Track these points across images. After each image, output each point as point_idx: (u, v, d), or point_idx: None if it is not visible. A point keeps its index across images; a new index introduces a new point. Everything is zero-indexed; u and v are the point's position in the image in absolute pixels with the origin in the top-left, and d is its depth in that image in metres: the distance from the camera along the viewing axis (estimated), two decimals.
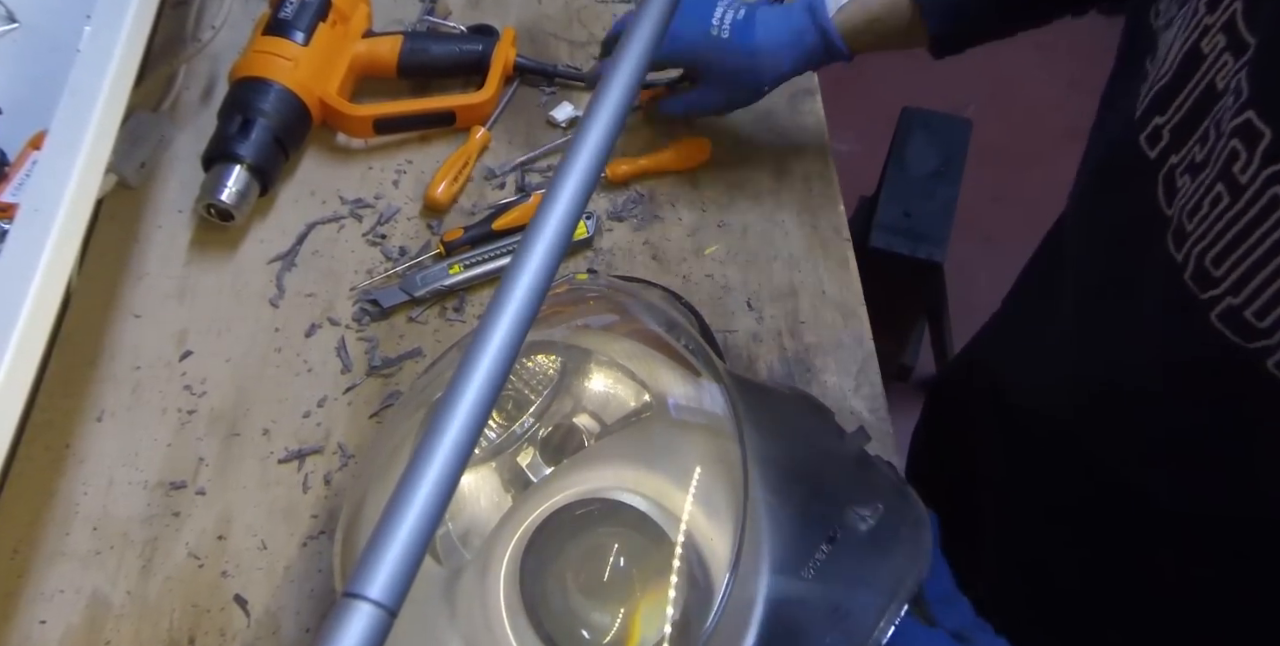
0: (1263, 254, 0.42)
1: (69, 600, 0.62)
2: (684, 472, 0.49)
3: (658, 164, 0.81)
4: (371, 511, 0.51)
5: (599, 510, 0.50)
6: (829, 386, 0.72)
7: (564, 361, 0.55)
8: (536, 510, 0.50)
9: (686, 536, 0.47)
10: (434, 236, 0.77)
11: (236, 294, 0.74)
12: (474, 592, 0.48)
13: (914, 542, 0.48)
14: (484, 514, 0.51)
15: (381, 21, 0.87)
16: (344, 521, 0.53)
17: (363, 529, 0.51)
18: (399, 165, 0.81)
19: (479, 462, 0.53)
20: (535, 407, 0.54)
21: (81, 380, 0.70)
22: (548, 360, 0.55)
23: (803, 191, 0.82)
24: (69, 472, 0.66)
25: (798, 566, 0.45)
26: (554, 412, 0.53)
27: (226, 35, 0.80)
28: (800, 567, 0.45)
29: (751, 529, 0.44)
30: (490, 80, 0.82)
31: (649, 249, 0.78)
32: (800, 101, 0.86)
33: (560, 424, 0.53)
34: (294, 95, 0.76)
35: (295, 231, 0.77)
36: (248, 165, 0.73)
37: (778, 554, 0.45)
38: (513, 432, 0.53)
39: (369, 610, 0.24)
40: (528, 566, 0.48)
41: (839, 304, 0.76)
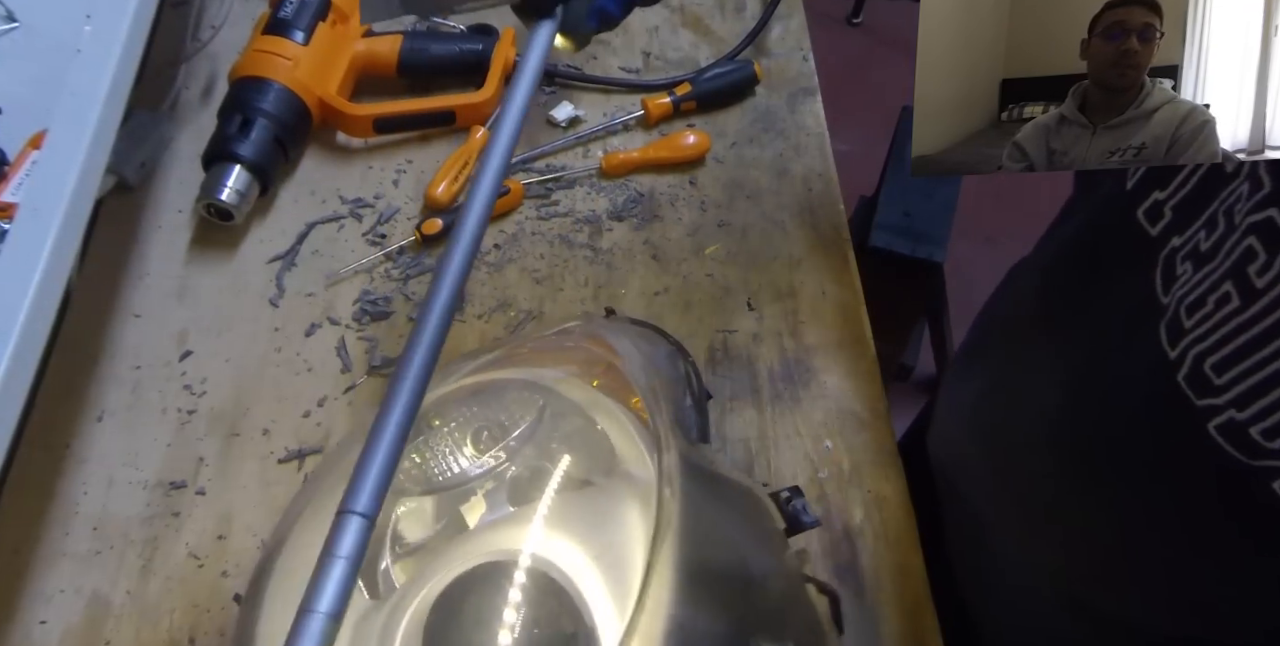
0: (1275, 371, 0.37)
1: (69, 600, 0.62)
2: (611, 552, 0.45)
3: (656, 158, 0.81)
4: (289, 560, 0.48)
5: (521, 571, 0.46)
6: (829, 386, 0.72)
7: (545, 405, 0.53)
8: (464, 560, 0.47)
9: (588, 619, 0.43)
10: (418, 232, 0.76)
11: (236, 294, 0.74)
12: (385, 629, 0.45)
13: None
14: (422, 549, 0.49)
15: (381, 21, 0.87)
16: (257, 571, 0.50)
17: (276, 578, 0.47)
18: (399, 165, 0.81)
19: (435, 490, 0.51)
20: (509, 443, 0.51)
21: (81, 380, 0.70)
22: (529, 400, 0.53)
23: (803, 191, 0.82)
24: (69, 472, 0.66)
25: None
26: (526, 455, 0.51)
27: (226, 35, 0.80)
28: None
29: (645, 633, 0.40)
30: (490, 80, 0.82)
31: (649, 248, 0.78)
32: (800, 101, 0.86)
33: (529, 467, 0.51)
34: (294, 95, 0.75)
35: (295, 231, 0.77)
36: (248, 165, 0.73)
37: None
38: (484, 464, 0.51)
39: (358, 521, 0.32)
40: (436, 617, 0.45)
41: (839, 304, 0.76)
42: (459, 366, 0.56)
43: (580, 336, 0.58)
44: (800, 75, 0.88)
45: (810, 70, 0.88)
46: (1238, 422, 0.39)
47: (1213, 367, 0.40)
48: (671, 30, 0.90)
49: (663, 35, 0.90)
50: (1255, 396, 0.38)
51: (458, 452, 0.51)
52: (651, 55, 0.88)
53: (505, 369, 0.56)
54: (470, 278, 0.75)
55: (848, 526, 0.66)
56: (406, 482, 0.51)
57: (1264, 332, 0.38)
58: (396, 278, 0.75)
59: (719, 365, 0.72)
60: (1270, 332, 0.37)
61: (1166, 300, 0.43)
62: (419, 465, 0.51)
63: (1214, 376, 0.40)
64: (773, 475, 0.68)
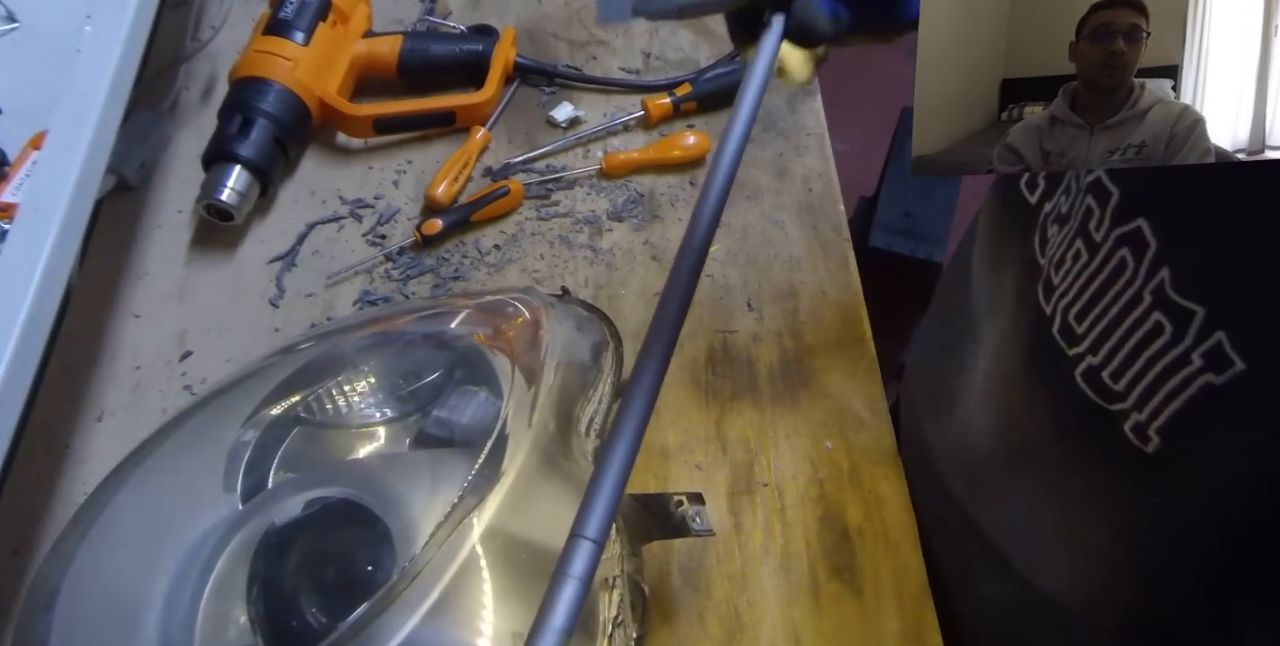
0: (1115, 314, 0.41)
1: None
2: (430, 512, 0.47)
3: (656, 159, 0.81)
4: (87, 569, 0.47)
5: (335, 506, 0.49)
6: (829, 386, 0.72)
7: (456, 364, 0.55)
8: (313, 486, 0.49)
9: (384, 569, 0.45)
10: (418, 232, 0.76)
11: (236, 294, 0.74)
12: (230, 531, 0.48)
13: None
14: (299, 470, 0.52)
15: (381, 21, 0.87)
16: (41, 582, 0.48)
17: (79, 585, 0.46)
18: (399, 165, 0.81)
19: (334, 425, 0.54)
20: (416, 392, 0.54)
21: (81, 380, 0.70)
22: (444, 357, 0.55)
23: (803, 191, 0.82)
24: (69, 472, 0.66)
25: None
26: (427, 407, 0.53)
27: (226, 35, 0.80)
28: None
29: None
30: (490, 80, 0.82)
31: (649, 249, 0.78)
32: (800, 101, 0.86)
33: (430, 419, 0.53)
34: (294, 95, 0.76)
35: (295, 231, 0.77)
36: (248, 165, 0.73)
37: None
38: (386, 409, 0.54)
39: (588, 546, 0.34)
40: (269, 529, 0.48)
41: (839, 304, 0.76)
42: (392, 311, 0.60)
43: (520, 305, 0.59)
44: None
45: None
46: (1093, 368, 0.43)
47: (1075, 318, 0.44)
48: (671, 30, 0.90)
49: (663, 35, 0.90)
50: (1102, 340, 0.42)
51: (368, 395, 0.54)
52: (652, 55, 0.88)
53: (435, 321, 0.58)
54: (470, 278, 0.75)
55: (848, 526, 0.66)
56: (309, 413, 0.54)
57: (1104, 281, 0.42)
58: (396, 278, 0.75)
59: (719, 365, 0.73)
60: (1108, 280, 0.42)
61: (1043, 261, 0.47)
62: (329, 397, 0.54)
63: (1076, 325, 0.44)
64: (773, 475, 0.68)
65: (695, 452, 0.68)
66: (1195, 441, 0.40)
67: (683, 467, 0.68)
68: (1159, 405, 0.40)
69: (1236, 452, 0.39)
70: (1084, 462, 0.47)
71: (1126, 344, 0.41)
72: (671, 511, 0.54)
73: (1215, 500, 0.41)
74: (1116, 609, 0.51)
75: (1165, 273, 0.39)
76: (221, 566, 0.46)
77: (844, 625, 0.63)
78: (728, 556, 0.64)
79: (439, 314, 0.59)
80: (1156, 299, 0.39)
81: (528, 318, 0.56)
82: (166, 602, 0.45)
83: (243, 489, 0.50)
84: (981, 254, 0.59)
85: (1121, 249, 0.41)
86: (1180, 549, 0.45)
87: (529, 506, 0.47)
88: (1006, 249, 0.52)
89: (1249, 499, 0.40)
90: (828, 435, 0.70)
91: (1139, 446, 0.42)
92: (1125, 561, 0.48)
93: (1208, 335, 0.37)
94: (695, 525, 0.54)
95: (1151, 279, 0.39)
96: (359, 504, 0.47)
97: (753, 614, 0.63)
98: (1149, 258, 0.39)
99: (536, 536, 0.47)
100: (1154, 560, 0.47)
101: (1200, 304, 0.38)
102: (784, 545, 0.65)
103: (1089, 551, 0.50)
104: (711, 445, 0.69)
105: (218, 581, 0.45)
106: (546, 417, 0.50)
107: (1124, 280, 0.41)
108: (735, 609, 0.63)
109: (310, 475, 0.51)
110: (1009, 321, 0.52)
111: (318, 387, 0.54)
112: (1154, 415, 0.41)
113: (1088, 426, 0.44)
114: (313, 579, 0.47)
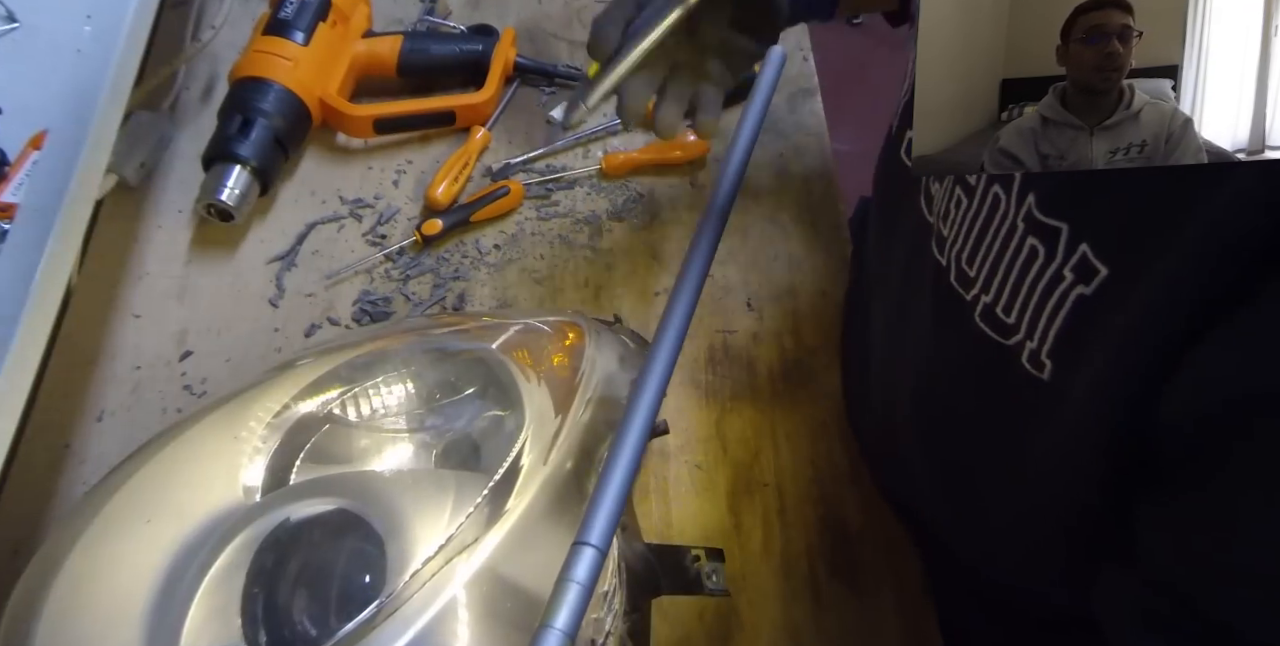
0: (998, 250, 0.44)
1: None
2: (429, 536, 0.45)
3: (656, 159, 0.81)
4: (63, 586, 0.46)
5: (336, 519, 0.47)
6: (829, 386, 0.72)
7: (489, 383, 0.53)
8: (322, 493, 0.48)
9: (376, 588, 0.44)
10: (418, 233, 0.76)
11: (236, 294, 0.74)
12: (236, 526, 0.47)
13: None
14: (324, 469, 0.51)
15: (381, 21, 0.87)
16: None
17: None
18: (399, 165, 0.81)
19: (367, 427, 0.52)
20: (444, 406, 0.52)
21: (81, 380, 0.70)
22: (481, 374, 0.53)
23: (803, 191, 0.82)
24: (69, 472, 0.66)
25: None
26: (454, 422, 0.51)
27: (226, 35, 0.80)
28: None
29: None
30: (490, 80, 0.82)
31: (649, 249, 0.78)
32: (800, 101, 0.86)
33: (457, 433, 0.51)
34: (294, 95, 0.76)
35: (295, 231, 0.77)
36: (248, 165, 0.73)
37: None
38: (417, 417, 0.52)
39: (591, 552, 0.35)
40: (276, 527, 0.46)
41: (839, 304, 0.76)
42: (428, 324, 0.58)
43: (567, 331, 0.58)
44: (800, 75, 0.88)
45: (810, 70, 0.88)
46: (988, 306, 0.45)
47: (966, 262, 0.47)
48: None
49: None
50: (991, 277, 0.44)
51: (404, 402, 0.53)
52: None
53: (480, 337, 0.57)
54: (470, 278, 0.75)
55: (848, 526, 0.66)
56: (342, 411, 0.53)
57: (984, 221, 0.45)
58: (396, 278, 0.75)
59: (719, 365, 0.73)
60: (987, 220, 0.45)
61: (931, 218, 0.50)
62: (365, 397, 0.53)
63: (968, 269, 0.46)
64: (773, 475, 0.68)
65: (695, 452, 0.68)
66: (1078, 356, 0.41)
67: (683, 467, 0.68)
68: (1045, 327, 0.42)
69: (1113, 367, 0.39)
70: (994, 412, 0.48)
71: (1011, 274, 0.43)
72: (687, 566, 0.52)
73: (1101, 425, 0.41)
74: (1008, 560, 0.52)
75: (1031, 197, 0.42)
76: (223, 560, 0.45)
77: (844, 625, 0.63)
78: (728, 556, 0.64)
79: (486, 328, 0.58)
80: (1028, 224, 0.42)
81: (571, 345, 0.55)
82: (160, 593, 0.45)
83: (264, 482, 0.49)
84: (875, 233, 0.63)
85: (994, 186, 0.44)
86: (1075, 479, 0.45)
87: (528, 549, 0.45)
88: (901, 217, 0.56)
89: (1128, 423, 0.40)
90: (827, 435, 0.70)
91: (1036, 375, 0.43)
92: (1022, 508, 0.49)
93: (1074, 248, 0.39)
94: (710, 583, 0.52)
95: (1021, 206, 0.42)
96: (365, 519, 0.46)
97: (753, 614, 0.63)
98: (1016, 187, 0.43)
99: (528, 583, 0.44)
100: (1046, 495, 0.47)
101: (1063, 220, 0.40)
102: (784, 545, 0.65)
103: (1000, 511, 0.51)
104: (711, 445, 0.69)
105: (216, 575, 0.45)
106: (566, 455, 0.48)
107: (1000, 215, 0.44)
108: (735, 609, 0.63)
109: (324, 481, 0.50)
110: (912, 291, 0.54)
111: (355, 387, 0.52)
112: (1043, 339, 0.42)
113: (995, 369, 0.45)
114: (309, 585, 0.46)
